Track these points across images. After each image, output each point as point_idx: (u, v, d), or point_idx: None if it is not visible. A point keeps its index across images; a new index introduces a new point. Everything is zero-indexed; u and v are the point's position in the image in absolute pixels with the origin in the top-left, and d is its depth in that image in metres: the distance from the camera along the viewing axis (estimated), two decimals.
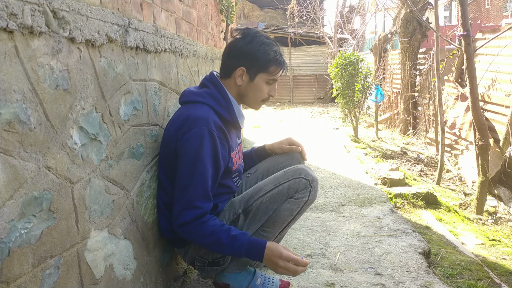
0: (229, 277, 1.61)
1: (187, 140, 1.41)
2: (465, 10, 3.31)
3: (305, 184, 1.54)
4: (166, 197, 1.54)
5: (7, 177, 0.78)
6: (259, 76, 1.53)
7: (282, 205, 1.55)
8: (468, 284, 1.92)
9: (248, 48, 1.52)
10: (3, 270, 0.77)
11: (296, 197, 1.54)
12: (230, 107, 1.52)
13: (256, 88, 1.55)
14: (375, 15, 13.35)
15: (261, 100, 1.59)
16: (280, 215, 1.55)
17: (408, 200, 3.16)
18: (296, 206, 1.55)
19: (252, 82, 1.54)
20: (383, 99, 6.56)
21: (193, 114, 1.44)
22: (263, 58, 1.51)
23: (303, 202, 1.55)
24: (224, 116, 1.50)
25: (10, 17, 0.79)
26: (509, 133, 3.93)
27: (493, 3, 23.75)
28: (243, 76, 1.54)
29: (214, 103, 1.49)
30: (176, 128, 1.45)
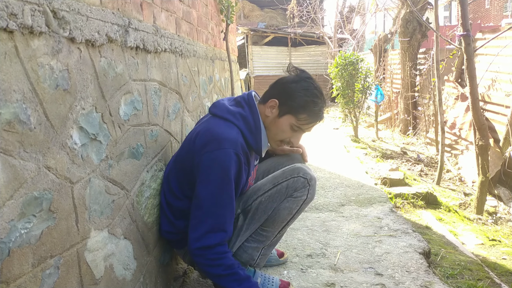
0: None
1: (214, 159, 1.36)
2: (465, 10, 3.31)
3: (303, 183, 1.54)
4: (174, 200, 1.53)
5: (7, 177, 0.78)
6: (287, 116, 1.48)
7: (281, 204, 1.55)
8: (468, 284, 1.92)
9: (291, 87, 1.49)
10: (3, 270, 0.77)
11: (295, 196, 1.54)
12: (258, 134, 1.48)
13: (279, 126, 1.49)
14: (375, 15, 13.35)
15: (279, 139, 1.54)
16: (279, 214, 1.55)
17: (408, 200, 3.16)
18: (295, 205, 1.55)
19: (279, 119, 1.49)
20: (383, 99, 6.56)
21: (223, 133, 1.39)
22: (298, 102, 1.46)
23: (302, 200, 1.55)
24: (250, 143, 1.46)
25: (10, 17, 0.79)
26: (509, 133, 3.93)
27: (493, 3, 23.75)
28: (274, 108, 1.50)
29: (245, 127, 1.45)
30: (203, 143, 1.40)
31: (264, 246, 1.62)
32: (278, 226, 1.59)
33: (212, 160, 1.36)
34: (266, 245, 1.62)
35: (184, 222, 1.52)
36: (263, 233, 1.59)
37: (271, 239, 1.61)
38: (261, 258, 1.63)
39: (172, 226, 1.54)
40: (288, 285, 1.66)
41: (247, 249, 1.60)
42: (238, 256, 1.61)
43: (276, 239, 1.63)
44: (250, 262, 1.62)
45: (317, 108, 1.48)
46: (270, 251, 1.66)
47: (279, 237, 1.64)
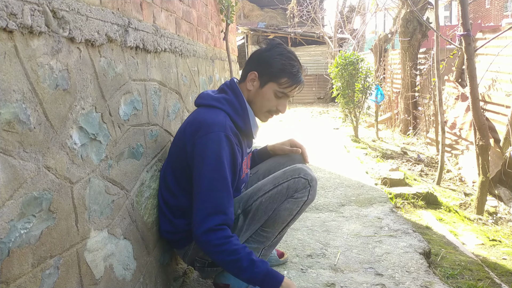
0: (229, 277, 1.61)
1: (205, 144, 1.38)
2: (466, 10, 3.31)
3: (304, 184, 1.54)
4: (172, 199, 1.53)
5: (7, 177, 0.78)
6: (269, 85, 1.51)
7: (282, 205, 1.54)
8: (468, 284, 1.91)
9: (266, 55, 1.52)
10: (3, 270, 0.77)
11: (296, 197, 1.54)
12: (245, 116, 1.50)
13: (264, 96, 1.52)
14: (375, 15, 13.35)
15: (266, 110, 1.56)
16: (280, 215, 1.55)
17: (408, 200, 3.15)
18: (295, 206, 1.55)
19: (261, 89, 1.52)
20: (383, 99, 6.55)
21: (210, 118, 1.42)
22: (276, 67, 1.49)
23: (302, 201, 1.55)
24: (238, 124, 1.48)
25: (9, 17, 0.79)
26: (509, 133, 3.93)
27: (494, 3, 23.74)
28: (254, 81, 1.52)
29: (231, 110, 1.48)
30: (193, 130, 1.43)
31: (265, 247, 1.61)
32: (278, 227, 1.58)
33: (204, 145, 1.38)
34: (267, 246, 1.62)
35: (183, 221, 1.52)
36: (263, 233, 1.59)
37: (272, 239, 1.61)
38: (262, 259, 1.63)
39: (171, 226, 1.54)
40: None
41: None
42: None
43: (276, 239, 1.63)
44: None
45: (295, 69, 1.52)
46: (270, 252, 1.66)
47: (279, 237, 1.64)
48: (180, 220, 1.53)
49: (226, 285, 1.61)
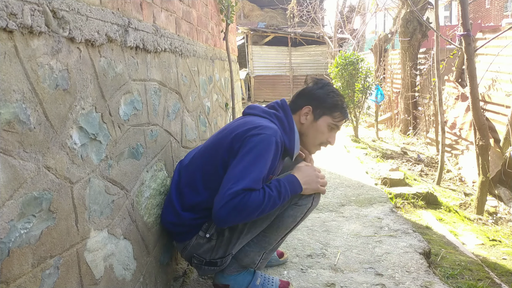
0: (228, 278, 1.61)
1: (256, 141, 1.41)
2: (466, 10, 3.31)
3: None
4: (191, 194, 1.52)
5: (7, 177, 0.78)
6: (323, 118, 1.60)
7: (286, 211, 1.55)
8: (468, 284, 1.91)
9: (319, 92, 1.63)
10: (3, 270, 0.77)
11: (300, 204, 1.54)
12: (292, 135, 1.55)
13: (318, 129, 1.60)
14: (375, 15, 13.35)
15: (319, 143, 1.64)
16: (284, 222, 1.55)
17: (408, 200, 3.15)
18: (299, 212, 1.55)
19: (316, 122, 1.60)
20: (383, 99, 6.55)
21: (265, 123, 1.47)
22: (330, 103, 1.60)
23: (306, 208, 1.55)
24: (285, 141, 1.53)
25: (9, 17, 0.79)
26: (509, 133, 3.93)
27: (494, 3, 23.74)
28: (308, 115, 1.60)
29: (280, 126, 1.54)
30: (246, 129, 1.45)
31: (266, 251, 1.62)
32: (281, 233, 1.59)
33: (254, 142, 1.41)
34: (268, 250, 1.62)
35: (191, 215, 1.51)
36: (266, 238, 1.59)
37: (274, 244, 1.61)
38: (262, 262, 1.63)
39: (177, 218, 1.53)
40: (287, 285, 1.66)
41: (248, 253, 1.60)
42: (239, 260, 1.61)
43: (278, 244, 1.63)
44: (251, 266, 1.62)
45: (344, 105, 1.66)
46: (271, 255, 1.66)
47: (281, 242, 1.64)
48: (187, 214, 1.52)
49: (226, 286, 1.61)
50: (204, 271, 1.61)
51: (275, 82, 13.56)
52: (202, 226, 1.54)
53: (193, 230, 1.53)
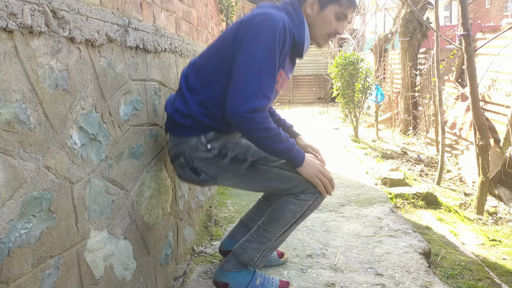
0: (228, 276, 1.61)
1: (262, 27, 1.37)
2: (465, 10, 3.31)
3: (314, 189, 1.54)
4: (203, 88, 1.49)
5: (7, 177, 0.78)
6: (330, 6, 1.53)
7: (286, 205, 1.55)
8: (468, 284, 1.91)
9: None
10: (3, 270, 0.77)
11: (301, 198, 1.53)
12: (302, 28, 1.51)
13: (325, 19, 1.54)
14: (375, 15, 13.34)
15: (327, 34, 1.57)
16: (283, 215, 1.55)
17: (408, 200, 3.15)
18: (299, 208, 1.55)
19: (322, 12, 1.53)
20: (383, 99, 6.55)
21: (272, 12, 1.42)
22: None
23: (307, 205, 1.55)
24: (294, 33, 1.49)
25: (10, 17, 0.79)
26: (509, 133, 3.93)
27: (494, 3, 23.74)
28: (314, 5, 1.53)
29: (289, 18, 1.48)
30: (251, 16, 1.41)
31: (266, 248, 1.61)
32: (280, 228, 1.58)
33: (260, 28, 1.37)
34: (268, 247, 1.61)
35: (201, 109, 1.49)
36: (266, 234, 1.59)
37: (273, 241, 1.60)
38: (260, 260, 1.63)
39: (187, 107, 1.50)
40: (287, 285, 1.66)
41: (247, 250, 1.60)
42: (238, 256, 1.61)
43: (277, 242, 1.63)
44: (249, 263, 1.62)
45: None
46: (270, 254, 1.66)
47: (280, 240, 1.63)
48: (198, 107, 1.49)
49: (226, 284, 1.61)
50: (185, 175, 1.57)
51: None
52: (207, 131, 1.51)
53: (197, 129, 1.50)
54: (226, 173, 1.54)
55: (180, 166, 1.55)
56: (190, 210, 2.15)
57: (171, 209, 1.79)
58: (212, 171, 1.53)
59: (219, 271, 1.63)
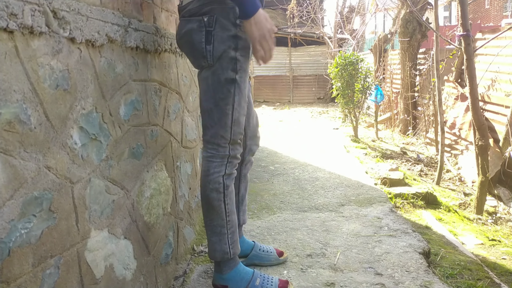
0: (226, 278, 1.61)
1: None
2: (465, 10, 3.31)
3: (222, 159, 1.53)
4: None
5: (7, 177, 0.79)
6: None
7: (205, 189, 1.53)
8: (468, 284, 1.92)
9: None
10: (3, 270, 0.77)
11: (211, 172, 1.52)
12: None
13: None
14: (375, 15, 13.36)
15: None
16: (211, 198, 1.53)
17: (408, 200, 3.16)
18: (217, 184, 1.53)
19: None
20: (383, 99, 6.56)
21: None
22: None
23: (220, 175, 1.53)
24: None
25: (10, 17, 0.79)
26: (509, 133, 3.93)
27: (493, 3, 23.76)
28: None
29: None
30: None
31: (227, 234, 1.56)
32: (218, 209, 1.53)
33: None
34: (228, 232, 1.57)
35: None
36: (213, 223, 1.55)
37: (226, 224, 1.56)
38: (232, 247, 1.58)
39: None
40: (286, 284, 1.66)
41: (215, 247, 1.57)
42: (214, 258, 1.59)
43: (231, 221, 1.57)
44: (226, 257, 1.58)
45: None
46: (236, 235, 1.61)
47: (232, 218, 1.58)
48: None
49: (225, 287, 1.61)
50: (193, 35, 1.45)
51: (275, 82, 13.56)
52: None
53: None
54: (219, 63, 1.43)
55: (198, 23, 1.42)
56: (191, 209, 2.15)
57: (172, 208, 1.80)
58: (218, 50, 1.41)
59: (216, 274, 1.63)
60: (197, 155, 2.37)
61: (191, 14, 1.44)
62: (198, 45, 1.43)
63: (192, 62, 1.54)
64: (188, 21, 1.45)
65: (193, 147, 2.27)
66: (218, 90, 1.46)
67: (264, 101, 13.24)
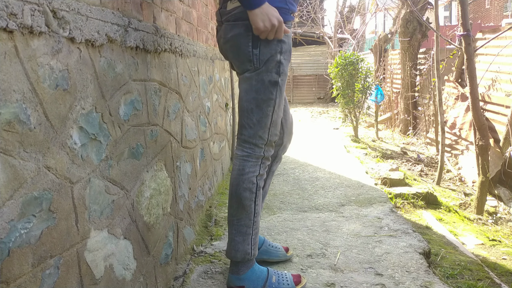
0: (243, 278, 1.59)
1: None
2: (465, 10, 3.31)
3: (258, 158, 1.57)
4: None
5: (7, 177, 0.78)
6: None
7: (238, 188, 1.56)
8: (468, 284, 1.91)
9: None
10: (3, 270, 0.77)
11: (246, 171, 1.55)
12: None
13: None
14: (375, 15, 13.36)
15: None
16: (243, 197, 1.56)
17: (408, 200, 3.15)
18: (251, 183, 1.56)
19: None
20: (383, 99, 6.55)
21: None
22: None
23: (254, 176, 1.57)
24: None
25: (10, 17, 0.79)
26: (509, 133, 3.93)
27: (493, 3, 23.75)
28: None
29: None
30: None
31: (251, 235, 1.59)
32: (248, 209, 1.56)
33: None
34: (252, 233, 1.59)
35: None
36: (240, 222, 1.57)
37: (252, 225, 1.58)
38: (253, 248, 1.61)
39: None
40: (299, 278, 1.67)
41: (237, 247, 1.58)
42: (234, 258, 1.60)
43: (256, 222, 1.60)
44: (246, 257, 1.59)
45: None
46: (257, 238, 1.65)
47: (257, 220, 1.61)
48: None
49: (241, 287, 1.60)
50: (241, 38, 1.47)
51: None
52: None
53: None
54: (265, 66, 1.47)
55: (245, 28, 1.45)
56: (190, 210, 2.15)
57: (171, 209, 1.80)
58: (264, 54, 1.45)
59: (231, 276, 1.62)
60: (197, 155, 2.37)
61: (236, 19, 1.47)
62: (245, 49, 1.47)
63: (236, 66, 1.56)
64: (234, 25, 1.48)
65: (193, 147, 2.27)
66: (261, 92, 1.49)
67: None
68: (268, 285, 1.60)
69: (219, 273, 1.82)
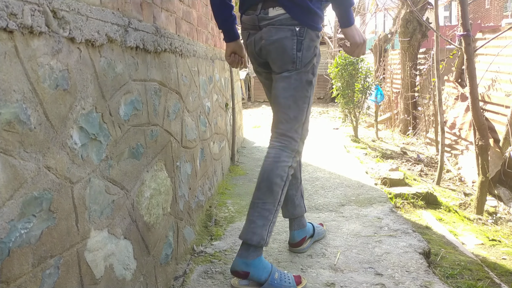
0: (250, 264, 1.60)
1: None
2: (465, 10, 3.31)
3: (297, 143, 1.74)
4: None
5: (7, 177, 0.78)
6: None
7: (271, 173, 1.66)
8: (468, 284, 1.92)
9: None
10: (3, 270, 0.77)
11: (281, 159, 1.68)
12: None
13: None
14: (375, 15, 13.35)
15: None
16: (274, 182, 1.65)
17: (408, 200, 3.16)
18: (283, 171, 1.68)
19: None
20: (383, 99, 6.55)
21: None
22: None
23: (287, 166, 1.70)
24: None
25: (10, 17, 0.79)
26: (509, 133, 3.93)
27: (493, 3, 23.76)
28: None
29: None
30: None
31: (270, 223, 1.64)
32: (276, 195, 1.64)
33: None
34: (272, 221, 1.65)
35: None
36: (265, 206, 1.63)
37: (273, 212, 1.64)
38: (269, 236, 1.66)
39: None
40: (300, 279, 1.69)
41: (255, 230, 1.60)
42: (249, 240, 1.61)
43: (277, 212, 1.67)
44: (261, 243, 1.62)
45: None
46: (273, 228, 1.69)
47: (278, 209, 1.69)
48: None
49: (246, 273, 1.60)
50: (287, 42, 1.64)
51: None
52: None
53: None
54: (305, 67, 1.66)
55: (291, 32, 1.63)
56: (190, 210, 2.15)
57: (171, 209, 1.80)
58: (306, 56, 1.65)
59: (239, 260, 1.62)
60: (197, 155, 2.37)
61: (282, 24, 1.64)
62: (290, 51, 1.64)
63: (277, 66, 1.70)
64: (279, 29, 1.64)
65: (193, 147, 2.27)
66: (299, 89, 1.67)
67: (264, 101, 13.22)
68: (271, 280, 1.61)
69: (219, 273, 1.82)
